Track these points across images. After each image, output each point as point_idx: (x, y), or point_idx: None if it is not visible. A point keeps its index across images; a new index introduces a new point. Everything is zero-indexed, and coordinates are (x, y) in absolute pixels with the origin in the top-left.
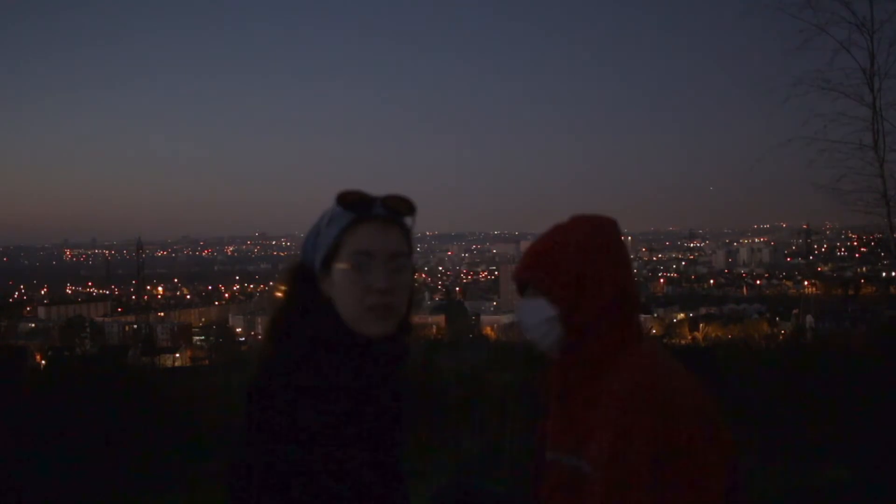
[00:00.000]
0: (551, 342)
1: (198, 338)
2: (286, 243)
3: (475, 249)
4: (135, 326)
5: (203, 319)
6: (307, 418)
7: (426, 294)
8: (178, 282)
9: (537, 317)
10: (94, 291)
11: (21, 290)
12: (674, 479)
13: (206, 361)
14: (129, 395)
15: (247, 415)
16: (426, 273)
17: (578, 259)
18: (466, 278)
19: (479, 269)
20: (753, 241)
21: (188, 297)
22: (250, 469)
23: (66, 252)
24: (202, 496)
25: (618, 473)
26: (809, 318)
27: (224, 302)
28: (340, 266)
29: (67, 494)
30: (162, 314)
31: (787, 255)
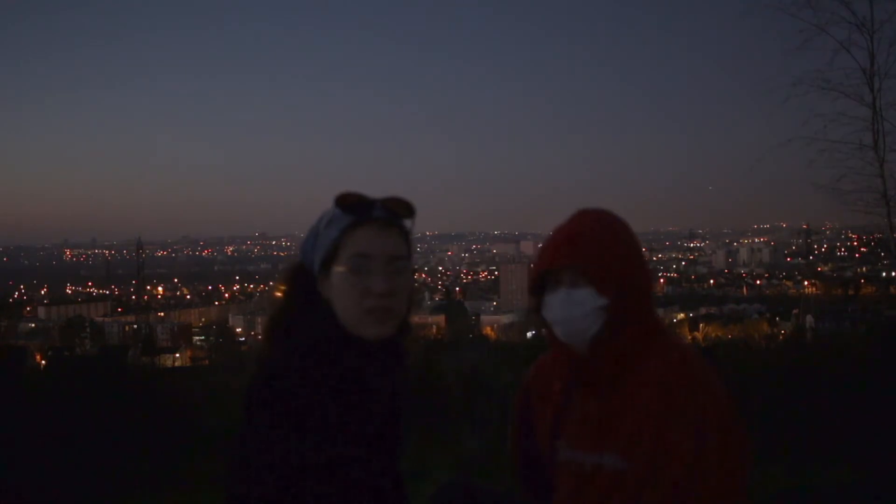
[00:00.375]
0: (593, 334)
1: (198, 338)
2: (286, 243)
3: (475, 249)
4: (135, 326)
5: (203, 319)
6: (305, 419)
7: (426, 294)
8: (178, 282)
9: (585, 307)
10: (94, 291)
11: (21, 290)
12: (718, 457)
13: (206, 361)
14: (129, 395)
15: (245, 416)
16: (426, 273)
17: (622, 248)
18: (466, 278)
19: (479, 269)
20: (753, 241)
21: (188, 297)
22: (249, 470)
23: (66, 252)
24: (202, 496)
25: (665, 456)
26: (809, 318)
27: (224, 302)
28: (339, 269)
29: (67, 494)
30: (162, 314)
31: (787, 255)
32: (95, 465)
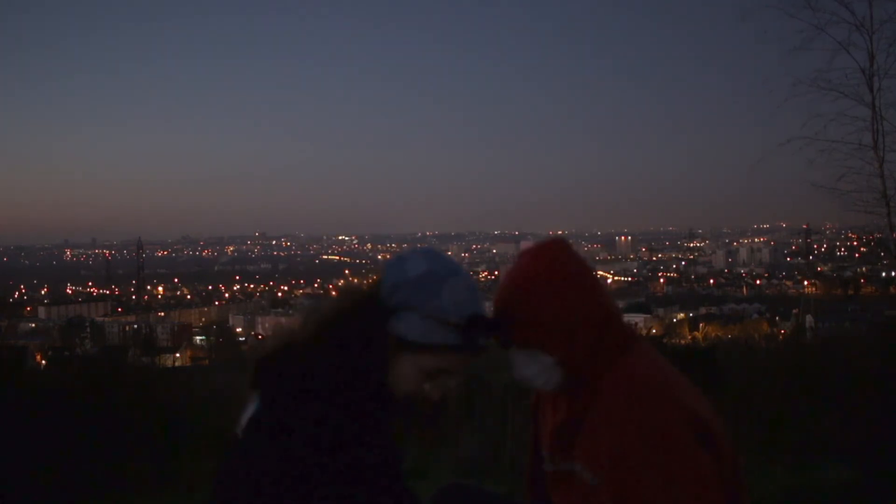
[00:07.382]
0: (554, 383)
1: (198, 338)
2: (286, 243)
3: (475, 249)
4: (135, 326)
5: (203, 319)
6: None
7: None
8: (178, 282)
9: (535, 367)
10: (94, 291)
11: (21, 290)
12: (669, 488)
13: (206, 361)
14: (128, 395)
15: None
16: None
17: (554, 303)
18: None
19: (479, 269)
20: (753, 241)
21: (188, 297)
22: (246, 473)
23: (66, 252)
24: (202, 496)
25: (617, 484)
26: (809, 318)
27: (224, 302)
28: (417, 367)
29: (67, 494)
30: (162, 314)
31: (787, 255)
32: (95, 464)
